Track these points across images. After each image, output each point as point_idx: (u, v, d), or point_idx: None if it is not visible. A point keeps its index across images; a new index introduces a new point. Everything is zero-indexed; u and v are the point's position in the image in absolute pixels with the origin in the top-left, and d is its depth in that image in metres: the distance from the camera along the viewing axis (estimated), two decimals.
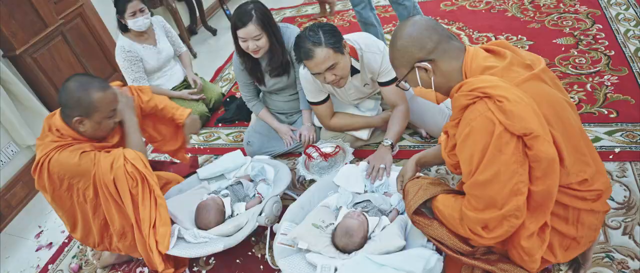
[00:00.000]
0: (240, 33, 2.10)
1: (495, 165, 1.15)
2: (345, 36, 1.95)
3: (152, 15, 2.88)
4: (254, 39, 2.10)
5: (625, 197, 1.75)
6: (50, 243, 2.49)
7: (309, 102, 2.23)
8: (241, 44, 2.15)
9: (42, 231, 2.61)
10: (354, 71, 2.04)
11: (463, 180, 1.29)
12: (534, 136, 1.12)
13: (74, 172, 1.74)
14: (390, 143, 2.03)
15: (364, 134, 2.30)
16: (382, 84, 2.08)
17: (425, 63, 1.29)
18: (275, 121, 2.52)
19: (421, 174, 1.66)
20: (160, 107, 2.15)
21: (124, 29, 2.79)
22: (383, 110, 2.33)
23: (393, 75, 2.05)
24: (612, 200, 1.74)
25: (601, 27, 2.78)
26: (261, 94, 2.67)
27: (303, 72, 2.11)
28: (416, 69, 1.32)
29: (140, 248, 1.87)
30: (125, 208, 1.80)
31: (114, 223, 1.86)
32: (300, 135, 2.42)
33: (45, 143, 1.76)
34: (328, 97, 2.20)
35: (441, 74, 1.31)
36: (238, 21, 2.08)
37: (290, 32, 2.29)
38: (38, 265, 2.36)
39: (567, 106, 1.25)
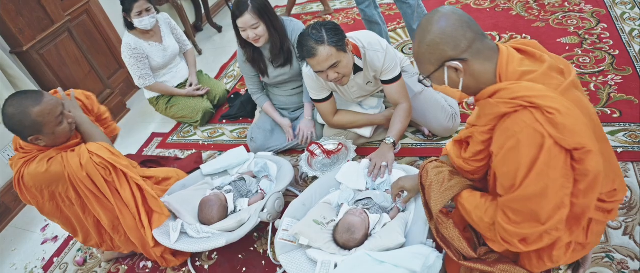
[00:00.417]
0: (239, 23, 2.17)
1: (543, 180, 1.08)
2: (348, 34, 1.96)
3: (158, 12, 2.90)
4: (251, 27, 2.16)
5: (626, 197, 1.74)
6: (56, 236, 2.52)
7: (312, 99, 2.24)
8: (242, 33, 2.21)
9: (48, 225, 2.64)
10: (357, 69, 2.05)
11: (500, 192, 1.20)
12: (586, 151, 1.06)
13: (48, 179, 1.76)
14: (392, 141, 2.04)
15: (366, 132, 2.31)
16: (384, 82, 2.09)
17: (457, 62, 1.18)
18: (277, 115, 2.54)
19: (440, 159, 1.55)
20: (104, 117, 2.14)
21: (130, 26, 2.81)
22: (386, 108, 2.34)
23: (396, 73, 2.05)
24: None
25: (606, 26, 2.77)
26: (266, 91, 2.69)
27: (306, 70, 2.12)
28: (446, 67, 1.21)
29: (133, 236, 1.90)
30: (107, 200, 1.83)
31: (102, 219, 1.89)
32: (299, 130, 2.44)
33: (15, 161, 1.80)
34: (331, 95, 2.22)
35: (472, 74, 1.20)
36: (236, 11, 2.16)
37: (294, 25, 2.34)
38: (43, 258, 2.40)
39: (596, 114, 1.20)
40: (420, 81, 1.31)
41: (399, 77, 2.07)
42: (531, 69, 1.16)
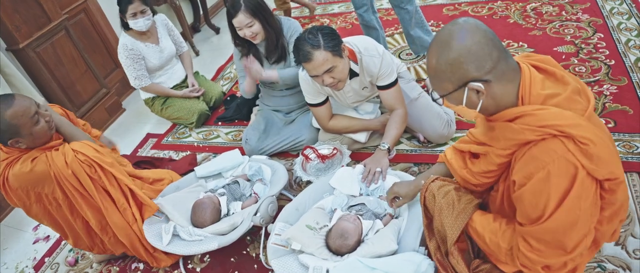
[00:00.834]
0: (234, 22, 2.22)
1: (574, 212, 1.03)
2: (344, 39, 1.96)
3: (154, 14, 2.89)
4: (247, 26, 2.22)
5: None
6: (48, 236, 2.51)
7: (308, 104, 2.24)
8: (239, 32, 2.27)
9: (39, 224, 2.62)
10: (353, 74, 2.05)
11: (521, 221, 1.14)
12: (618, 182, 1.04)
13: (33, 179, 1.75)
14: (387, 147, 2.04)
15: (361, 137, 2.31)
16: (380, 88, 2.08)
17: (479, 84, 1.08)
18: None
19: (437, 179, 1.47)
20: (82, 124, 2.14)
21: (126, 27, 2.81)
22: (382, 113, 2.34)
23: (392, 79, 2.05)
24: None
25: (602, 36, 2.78)
26: (260, 93, 2.70)
27: (302, 74, 2.12)
28: (466, 88, 1.11)
29: (121, 235, 1.90)
30: (94, 199, 1.83)
31: (90, 220, 1.89)
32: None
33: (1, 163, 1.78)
34: (327, 99, 2.21)
35: (493, 96, 1.11)
36: (230, 10, 2.21)
37: (291, 23, 2.39)
38: (35, 258, 2.38)
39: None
40: (433, 100, 1.21)
41: (395, 82, 2.07)
42: (554, 92, 1.09)
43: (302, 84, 2.18)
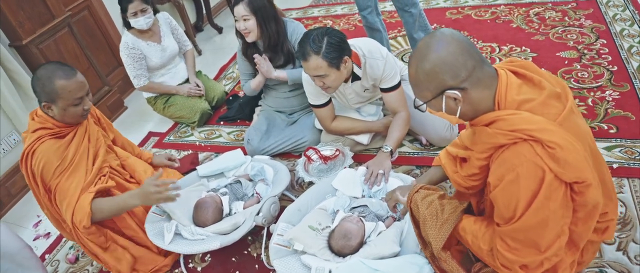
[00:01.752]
0: (234, 11, 2.26)
1: (543, 212, 1.08)
2: (349, 41, 1.96)
3: (156, 12, 2.89)
4: (242, 18, 2.26)
5: (621, 213, 1.75)
6: (48, 233, 2.50)
7: (310, 105, 2.25)
8: (235, 23, 2.30)
9: (40, 221, 2.62)
10: (355, 78, 2.06)
11: (498, 221, 1.20)
12: (586, 184, 1.07)
13: (51, 164, 1.78)
14: (389, 149, 2.04)
15: (364, 139, 2.31)
16: (383, 90, 2.09)
17: (455, 92, 1.14)
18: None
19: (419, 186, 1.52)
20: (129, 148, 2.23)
21: (128, 26, 2.81)
22: (384, 115, 2.34)
23: (395, 81, 2.06)
24: None
25: (605, 42, 2.79)
26: (263, 93, 2.70)
27: (305, 76, 2.13)
28: (444, 96, 1.17)
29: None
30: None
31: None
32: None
33: (29, 133, 1.81)
34: (330, 101, 2.22)
35: (470, 102, 1.16)
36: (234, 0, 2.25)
37: (294, 26, 2.40)
38: None
39: (591, 135, 1.20)
40: (415, 106, 1.26)
41: (398, 85, 2.07)
42: (530, 97, 1.13)
43: (305, 85, 2.18)
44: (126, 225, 1.96)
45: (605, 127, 2.16)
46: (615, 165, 1.95)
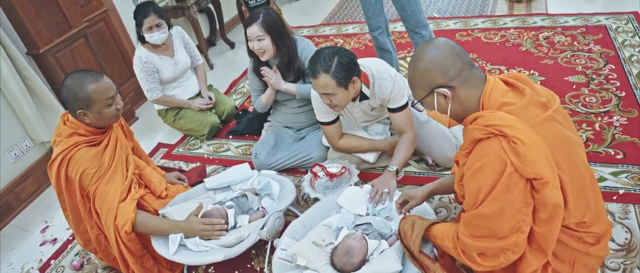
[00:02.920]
0: (247, 32, 2.28)
1: (500, 202, 1.17)
2: (359, 61, 1.99)
3: (170, 27, 2.95)
4: (257, 39, 2.27)
5: (626, 239, 1.75)
6: (55, 239, 2.53)
7: (318, 122, 2.27)
8: (248, 43, 2.32)
9: (47, 226, 2.65)
10: (363, 97, 2.08)
11: (464, 209, 1.30)
12: (543, 182, 1.13)
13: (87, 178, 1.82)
14: (395, 169, 2.05)
15: (370, 157, 2.33)
16: (391, 110, 2.11)
17: (445, 89, 1.27)
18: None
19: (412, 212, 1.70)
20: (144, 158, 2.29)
21: (142, 40, 2.87)
22: (391, 134, 2.36)
23: (402, 102, 2.08)
24: (613, 241, 1.74)
25: (614, 67, 2.80)
26: (272, 109, 2.73)
27: (314, 93, 2.15)
28: (435, 93, 1.30)
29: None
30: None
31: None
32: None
33: (63, 139, 1.84)
34: (337, 119, 2.24)
35: (459, 101, 1.29)
36: (248, 20, 2.28)
37: (304, 44, 2.43)
38: (41, 260, 2.41)
39: (577, 147, 1.26)
40: (412, 105, 1.40)
41: (405, 106, 2.09)
42: (511, 101, 1.24)
43: (314, 102, 2.21)
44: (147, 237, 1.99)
45: (612, 152, 2.16)
46: (621, 191, 1.95)
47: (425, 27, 2.81)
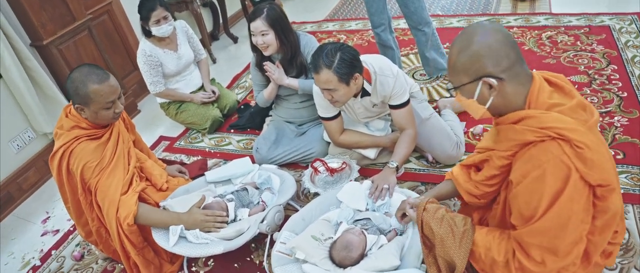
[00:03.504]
0: (251, 27, 2.28)
1: (565, 213, 1.08)
2: (362, 57, 2.00)
3: (175, 20, 2.96)
4: (261, 33, 2.27)
5: (624, 239, 1.75)
6: (57, 230, 2.55)
7: (320, 117, 2.28)
8: (252, 38, 2.32)
9: (49, 217, 2.67)
10: (364, 93, 2.09)
11: (516, 223, 1.20)
12: (610, 188, 1.08)
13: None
14: (395, 165, 2.06)
15: (371, 153, 2.34)
16: (392, 107, 2.12)
17: (493, 80, 1.15)
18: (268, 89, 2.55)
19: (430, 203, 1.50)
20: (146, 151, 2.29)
21: (147, 34, 2.87)
22: (392, 131, 2.36)
23: (404, 99, 2.08)
24: None
25: (616, 68, 2.80)
26: (274, 104, 2.74)
27: (316, 89, 2.16)
28: (481, 82, 1.18)
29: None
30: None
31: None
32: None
33: (65, 132, 1.85)
34: (339, 114, 2.25)
35: (503, 95, 1.18)
36: (251, 15, 2.29)
37: (307, 39, 2.43)
38: (41, 250, 2.42)
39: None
40: (450, 93, 1.27)
41: (406, 103, 2.10)
42: (560, 102, 1.15)
43: (316, 98, 2.22)
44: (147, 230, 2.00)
45: (612, 153, 2.17)
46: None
47: (428, 24, 2.81)
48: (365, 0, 2.85)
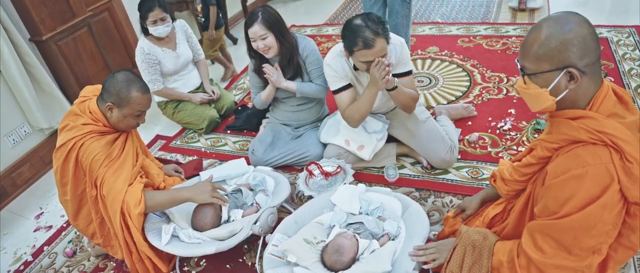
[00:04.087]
0: (249, 33, 2.29)
1: (593, 219, 1.07)
2: None
3: (174, 20, 2.96)
4: (260, 38, 2.28)
5: None
6: (50, 226, 2.54)
7: (333, 90, 2.24)
8: (252, 44, 2.33)
9: (42, 213, 2.67)
10: None
11: (538, 214, 1.20)
12: None
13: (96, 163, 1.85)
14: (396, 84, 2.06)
15: (366, 155, 2.34)
16: (398, 75, 2.14)
17: (577, 72, 1.10)
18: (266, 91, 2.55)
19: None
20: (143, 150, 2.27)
21: (146, 32, 2.88)
22: (389, 131, 2.38)
23: (409, 67, 2.16)
24: None
25: (613, 80, 2.81)
26: (271, 106, 2.74)
27: (330, 61, 2.17)
28: (563, 72, 1.11)
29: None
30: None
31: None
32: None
33: (78, 125, 1.86)
34: (350, 85, 2.22)
35: (577, 90, 1.13)
36: (247, 21, 2.29)
37: (306, 43, 2.44)
38: (34, 246, 2.42)
39: None
40: (524, 79, 1.21)
41: (410, 71, 2.18)
42: (621, 113, 1.14)
43: (327, 70, 2.21)
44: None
45: None
46: None
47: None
48: (363, 8, 2.93)
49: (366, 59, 1.95)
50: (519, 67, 1.22)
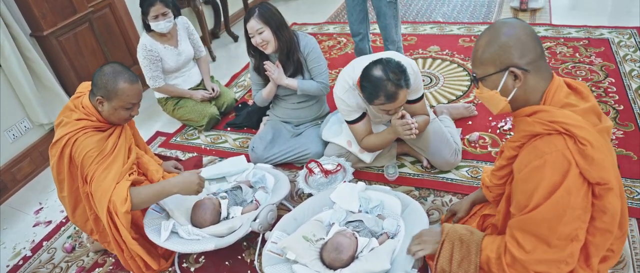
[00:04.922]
0: (247, 28, 2.31)
1: (561, 205, 1.11)
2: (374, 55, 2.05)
3: (178, 15, 2.96)
4: (257, 32, 2.29)
5: None
6: (49, 221, 2.54)
7: (347, 121, 2.22)
8: (251, 40, 2.35)
9: (42, 208, 2.66)
10: None
11: (513, 212, 1.25)
12: (607, 188, 1.10)
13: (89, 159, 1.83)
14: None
15: (367, 157, 2.34)
16: (410, 102, 2.14)
17: (519, 71, 1.18)
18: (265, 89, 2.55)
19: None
20: (143, 146, 2.28)
21: (148, 28, 2.88)
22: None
23: (420, 94, 2.14)
24: None
25: (613, 81, 2.81)
26: (272, 103, 2.74)
27: (342, 95, 2.11)
28: (507, 72, 1.20)
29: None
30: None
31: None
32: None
33: (72, 121, 1.85)
34: (365, 114, 2.20)
35: (525, 88, 1.21)
36: (245, 17, 2.31)
37: (308, 40, 2.45)
38: (33, 241, 2.42)
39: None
40: (473, 80, 1.31)
41: (422, 97, 2.17)
42: (574, 103, 1.19)
43: (339, 103, 2.15)
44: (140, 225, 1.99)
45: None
46: None
47: (393, 43, 2.99)
48: (347, 9, 3.02)
49: (388, 109, 1.95)
50: (472, 75, 1.30)
